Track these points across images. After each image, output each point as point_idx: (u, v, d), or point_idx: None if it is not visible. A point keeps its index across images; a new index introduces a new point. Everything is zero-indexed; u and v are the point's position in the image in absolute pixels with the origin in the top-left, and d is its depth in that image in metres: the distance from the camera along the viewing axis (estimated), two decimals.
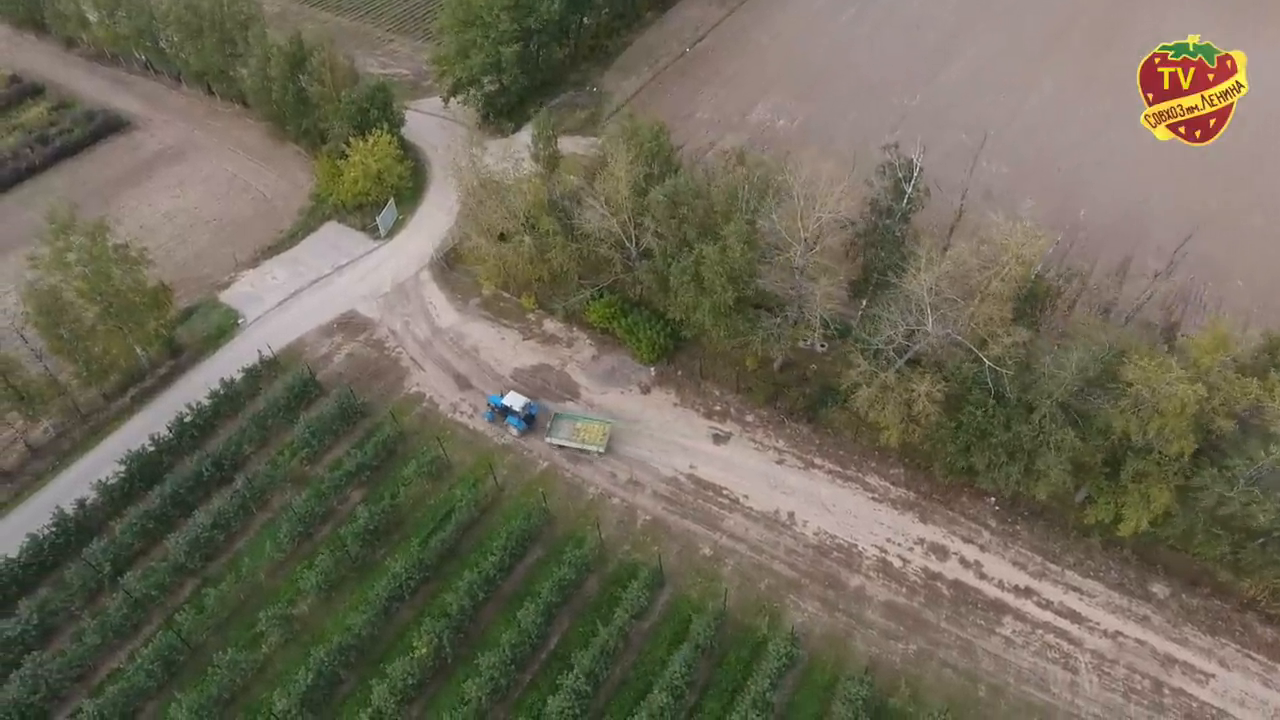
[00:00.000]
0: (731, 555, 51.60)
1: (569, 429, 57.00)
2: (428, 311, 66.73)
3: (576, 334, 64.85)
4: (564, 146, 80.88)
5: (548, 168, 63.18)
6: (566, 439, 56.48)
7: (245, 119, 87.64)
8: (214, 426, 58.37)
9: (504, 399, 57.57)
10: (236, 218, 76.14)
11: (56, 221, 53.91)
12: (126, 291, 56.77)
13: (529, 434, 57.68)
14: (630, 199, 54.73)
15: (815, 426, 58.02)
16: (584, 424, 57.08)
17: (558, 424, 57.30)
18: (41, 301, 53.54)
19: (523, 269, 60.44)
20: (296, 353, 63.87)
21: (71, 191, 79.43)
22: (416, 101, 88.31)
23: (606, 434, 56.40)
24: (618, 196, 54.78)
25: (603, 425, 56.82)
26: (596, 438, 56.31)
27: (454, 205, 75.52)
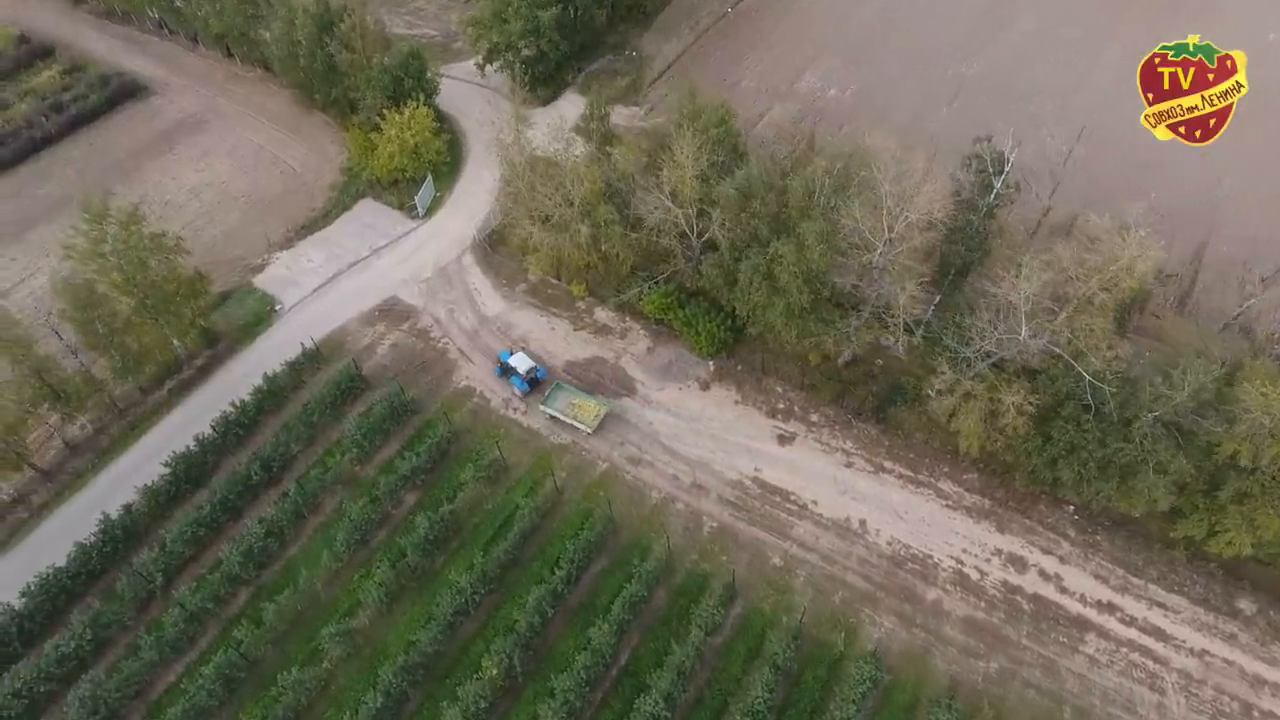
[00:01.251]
0: (803, 566, 49.87)
1: (565, 402, 55.85)
2: (473, 298, 63.88)
3: (629, 324, 62.14)
4: None
5: (601, 149, 59.53)
6: (560, 411, 55.31)
7: (268, 84, 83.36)
8: (258, 423, 56.12)
9: (512, 358, 56.86)
10: (266, 193, 72.67)
11: (90, 211, 50.71)
12: (162, 282, 53.91)
13: (530, 395, 57.25)
14: (695, 188, 51.42)
15: (884, 427, 55.77)
16: (581, 400, 55.90)
17: (555, 394, 56.31)
18: (76, 296, 50.72)
19: (577, 258, 57.34)
20: (338, 343, 61.25)
21: (90, 164, 75.96)
22: (448, 66, 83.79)
23: (600, 416, 55.13)
24: (683, 187, 51.46)
25: (599, 406, 55.61)
26: (589, 417, 55.12)
27: (494, 181, 72.13)
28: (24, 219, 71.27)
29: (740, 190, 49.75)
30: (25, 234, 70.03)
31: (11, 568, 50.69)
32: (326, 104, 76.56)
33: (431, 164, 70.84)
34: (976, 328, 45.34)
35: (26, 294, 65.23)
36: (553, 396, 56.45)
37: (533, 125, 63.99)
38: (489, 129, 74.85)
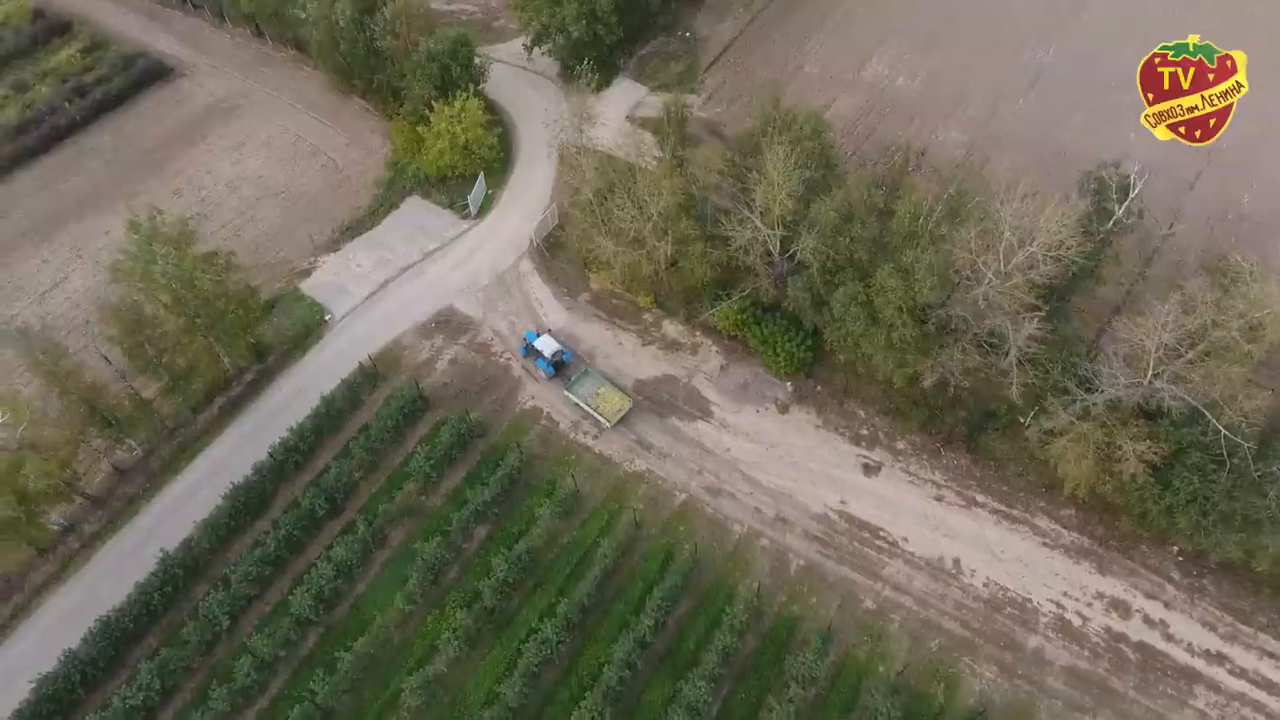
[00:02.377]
0: (896, 609, 47.64)
1: (590, 390, 54.18)
2: (533, 309, 60.65)
3: (700, 339, 59.01)
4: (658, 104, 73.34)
5: (678, 154, 55.64)
6: (583, 400, 53.84)
7: (301, 66, 78.72)
8: (316, 448, 53.41)
9: (538, 340, 55.56)
10: (307, 189, 68.79)
11: (140, 232, 47.19)
12: (213, 299, 50.67)
13: (555, 379, 55.99)
14: (788, 207, 47.85)
15: (974, 456, 53.06)
16: (606, 391, 54.08)
17: (581, 381, 54.68)
18: (126, 321, 47.54)
19: (651, 275, 53.96)
20: (394, 358, 58.21)
21: (119, 154, 72.01)
22: (490, 47, 79.00)
23: (622, 411, 53.53)
24: (774, 205, 47.89)
25: (623, 400, 53.80)
26: (611, 410, 53.42)
27: (547, 177, 68.39)
28: (52, 215, 67.58)
29: (839, 212, 46.21)
30: (55, 232, 66.43)
31: (68, 603, 48.73)
32: (366, 91, 72.22)
33: (484, 161, 66.83)
34: (1106, 373, 42.22)
35: (62, 299, 62.02)
36: (578, 383, 54.58)
37: (597, 122, 60.07)
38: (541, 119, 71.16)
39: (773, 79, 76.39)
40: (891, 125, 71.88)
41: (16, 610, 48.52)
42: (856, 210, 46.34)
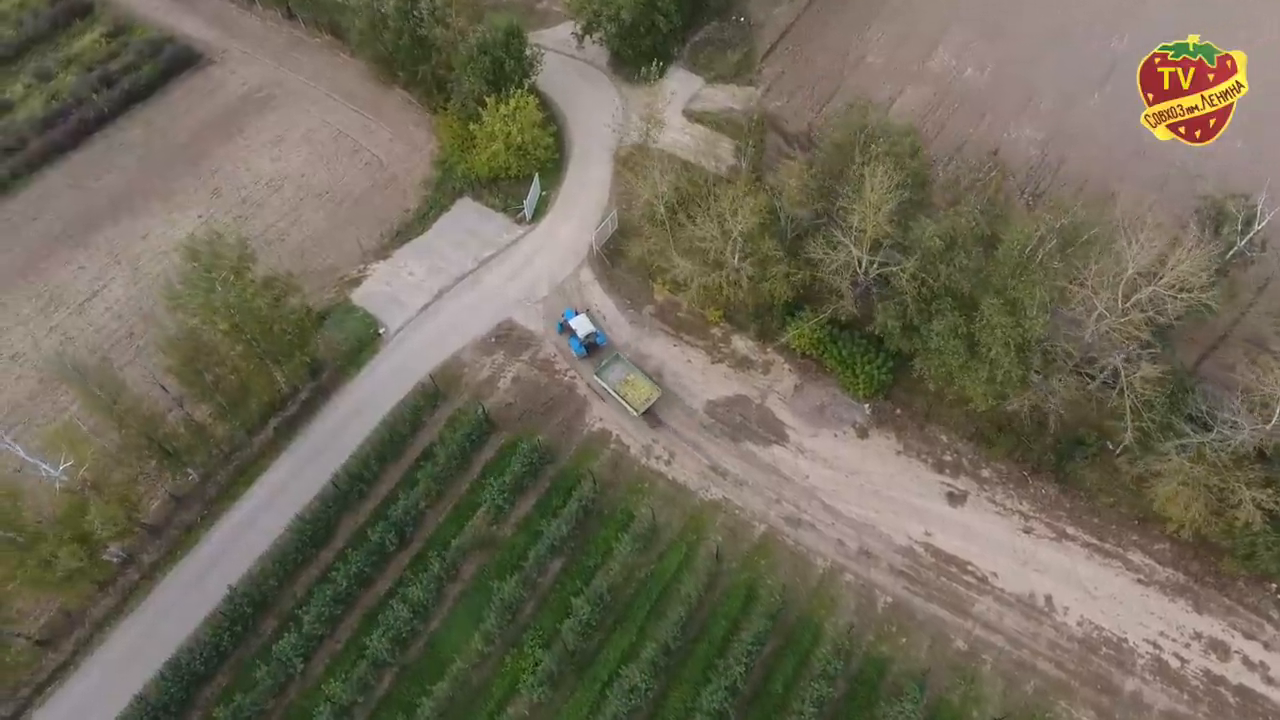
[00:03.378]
0: (989, 650, 46.14)
1: (619, 376, 53.35)
2: (597, 323, 58.07)
3: (772, 356, 56.65)
4: (717, 99, 70.17)
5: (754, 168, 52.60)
6: (611, 386, 52.93)
7: (338, 53, 74.87)
8: (379, 475, 51.42)
9: (574, 319, 55.18)
10: (352, 190, 65.66)
11: (199, 259, 44.45)
12: (272, 326, 48.20)
13: (585, 359, 55.31)
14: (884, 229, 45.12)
15: (1063, 486, 51.14)
16: (635, 378, 53.16)
17: (611, 366, 53.75)
18: (184, 352, 45.11)
19: (730, 295, 51.37)
20: (454, 376, 55.88)
21: (152, 149, 68.69)
22: (535, 33, 74.78)
23: (649, 400, 52.46)
24: (869, 228, 45.16)
25: (651, 389, 52.67)
26: (639, 399, 52.38)
27: (604, 177, 65.26)
28: (86, 216, 64.57)
29: (944, 239, 43.51)
30: (90, 235, 63.51)
31: (131, 637, 47.24)
32: (409, 82, 68.54)
33: (539, 162, 63.66)
34: (1225, 419, 40.04)
35: (103, 309, 59.42)
36: (608, 368, 53.68)
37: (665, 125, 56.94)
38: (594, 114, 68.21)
39: (834, 69, 73.02)
40: (962, 122, 68.50)
41: (79, 646, 46.98)
42: (961, 236, 43.63)
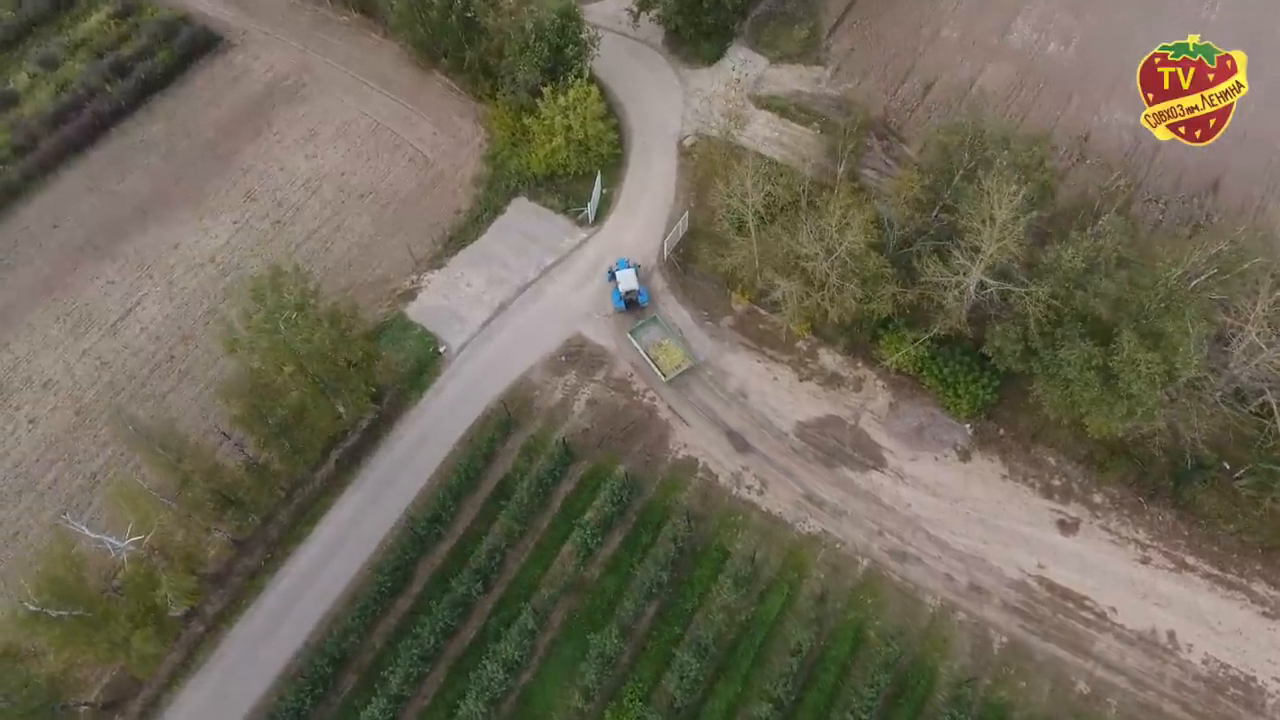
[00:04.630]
0: (1112, 692, 43.75)
1: (653, 339, 52.29)
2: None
3: (863, 371, 53.08)
4: (785, 81, 65.17)
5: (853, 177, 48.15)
6: (644, 347, 51.92)
7: (368, 34, 69.13)
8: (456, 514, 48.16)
9: (625, 269, 53.96)
10: (397, 190, 60.85)
11: (264, 299, 40.24)
12: (338, 360, 44.32)
13: (624, 314, 54.15)
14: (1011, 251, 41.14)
15: (1181, 512, 48.26)
16: (670, 344, 52.03)
17: (647, 328, 52.85)
18: (248, 401, 41.26)
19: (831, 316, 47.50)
20: (524, 399, 52.22)
21: (175, 145, 63.59)
22: (581, 6, 69.24)
23: (680, 369, 51.26)
24: (994, 249, 41.17)
25: (685, 358, 51.42)
26: (670, 365, 51.29)
27: (668, 174, 60.65)
28: (111, 225, 59.79)
29: (1089, 262, 39.59)
30: (116, 245, 58.85)
31: (201, 697, 44.50)
32: (454, 69, 63.15)
33: (601, 158, 58.93)
34: None
35: (138, 330, 55.21)
36: (644, 329, 52.74)
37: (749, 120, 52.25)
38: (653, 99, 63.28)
39: (907, 44, 67.78)
40: (1048, 104, 63.81)
41: (146, 707, 44.20)
42: (1104, 259, 39.75)
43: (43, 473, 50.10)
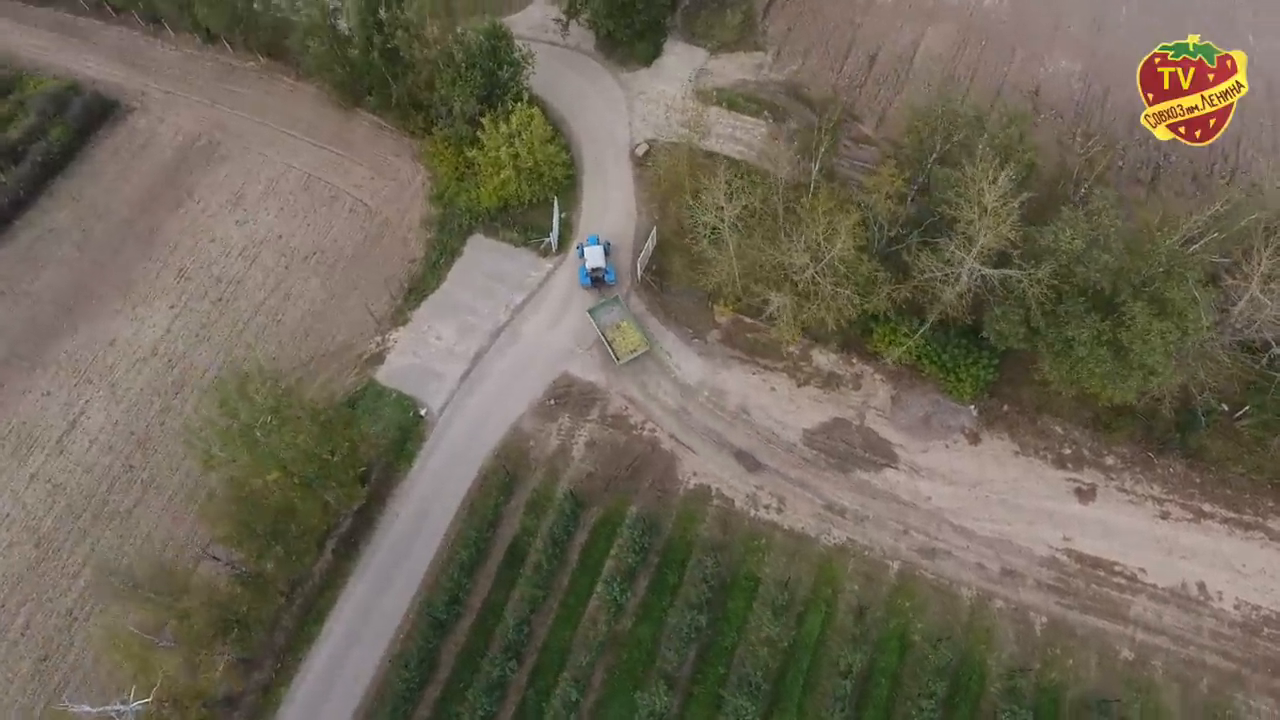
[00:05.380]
0: (1156, 654, 44.08)
1: (611, 320, 51.68)
2: (662, 362, 52.21)
3: (859, 367, 51.98)
4: (727, 72, 63.02)
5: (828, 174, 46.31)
6: (601, 328, 51.26)
7: (279, 78, 64.17)
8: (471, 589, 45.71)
9: (594, 245, 53.31)
10: (342, 246, 56.92)
11: (234, 409, 36.78)
12: (320, 453, 41.20)
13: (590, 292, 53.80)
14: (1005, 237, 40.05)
15: (1190, 460, 48.67)
16: (628, 326, 51.39)
17: (608, 309, 52.14)
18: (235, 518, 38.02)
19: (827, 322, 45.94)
20: (519, 450, 49.73)
21: (90, 231, 58.38)
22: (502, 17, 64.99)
23: (636, 353, 50.70)
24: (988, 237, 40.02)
25: (643, 341, 50.83)
26: (625, 348, 50.66)
27: (625, 186, 58.21)
28: (34, 330, 54.63)
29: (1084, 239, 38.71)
30: (46, 352, 53.86)
31: None
32: (382, 106, 59.09)
33: (556, 182, 56.01)
34: None
35: (87, 443, 50.73)
36: (604, 309, 52.08)
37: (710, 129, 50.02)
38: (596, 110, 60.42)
39: (844, 16, 65.94)
40: (993, 60, 62.97)
41: None
42: (1103, 235, 38.91)
43: (10, 619, 45.88)
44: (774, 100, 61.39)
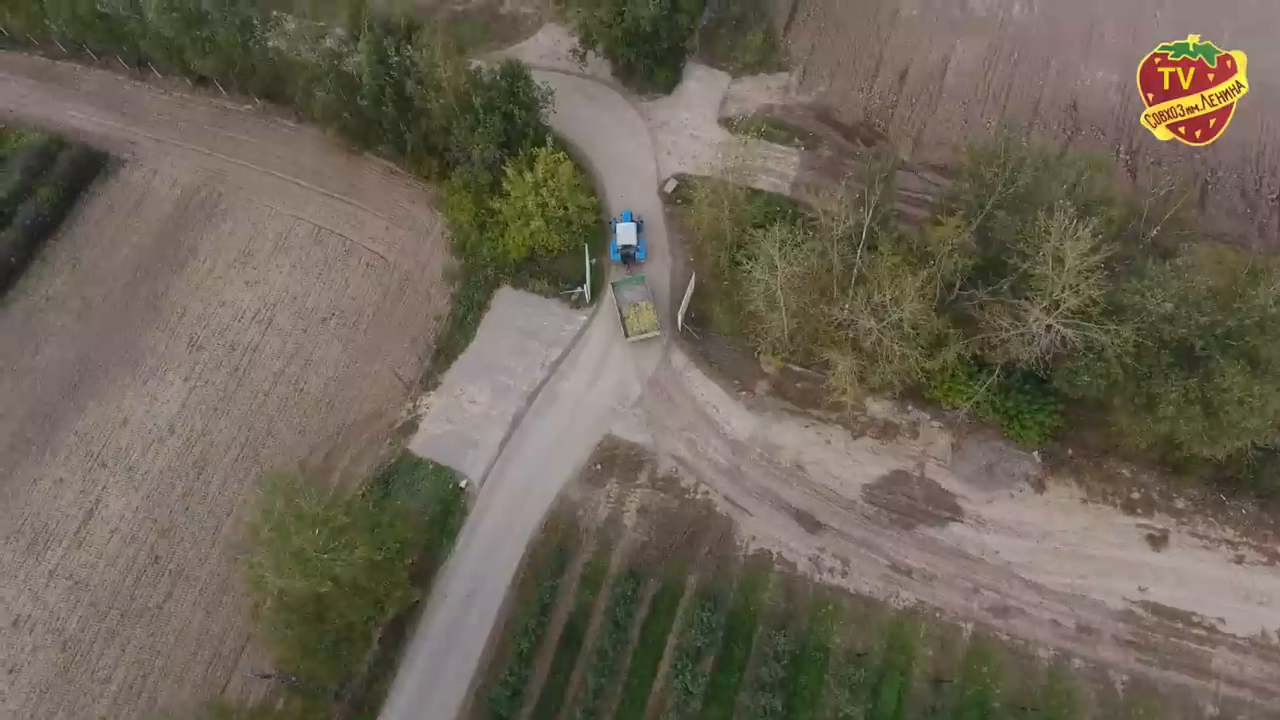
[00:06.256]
0: (1240, 708, 42.72)
1: (631, 298, 50.89)
2: (710, 418, 49.90)
3: (915, 414, 49.90)
4: (753, 96, 60.27)
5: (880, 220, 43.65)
6: (621, 301, 50.85)
7: (277, 122, 60.55)
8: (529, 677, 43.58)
9: (627, 221, 53.15)
10: (362, 305, 53.85)
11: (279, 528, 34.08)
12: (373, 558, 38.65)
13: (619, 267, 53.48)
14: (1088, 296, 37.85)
15: (1263, 500, 47.14)
16: (644, 308, 50.53)
17: (633, 285, 51.61)
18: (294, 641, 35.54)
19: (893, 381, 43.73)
20: (567, 521, 47.43)
21: (90, 298, 55.16)
22: (513, 47, 62.28)
23: (646, 334, 50.27)
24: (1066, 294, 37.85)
25: (653, 327, 50.12)
26: (637, 328, 50.19)
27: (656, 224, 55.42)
28: (39, 410, 51.43)
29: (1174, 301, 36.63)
30: (54, 434, 50.71)
31: None
32: (396, 153, 55.71)
33: (585, 229, 53.14)
34: None
35: (108, 533, 47.93)
36: (628, 286, 51.60)
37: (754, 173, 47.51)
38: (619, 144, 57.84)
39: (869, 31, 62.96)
40: (1028, 74, 60.55)
41: None
42: (1193, 293, 36.88)
43: None
44: (804, 126, 58.71)
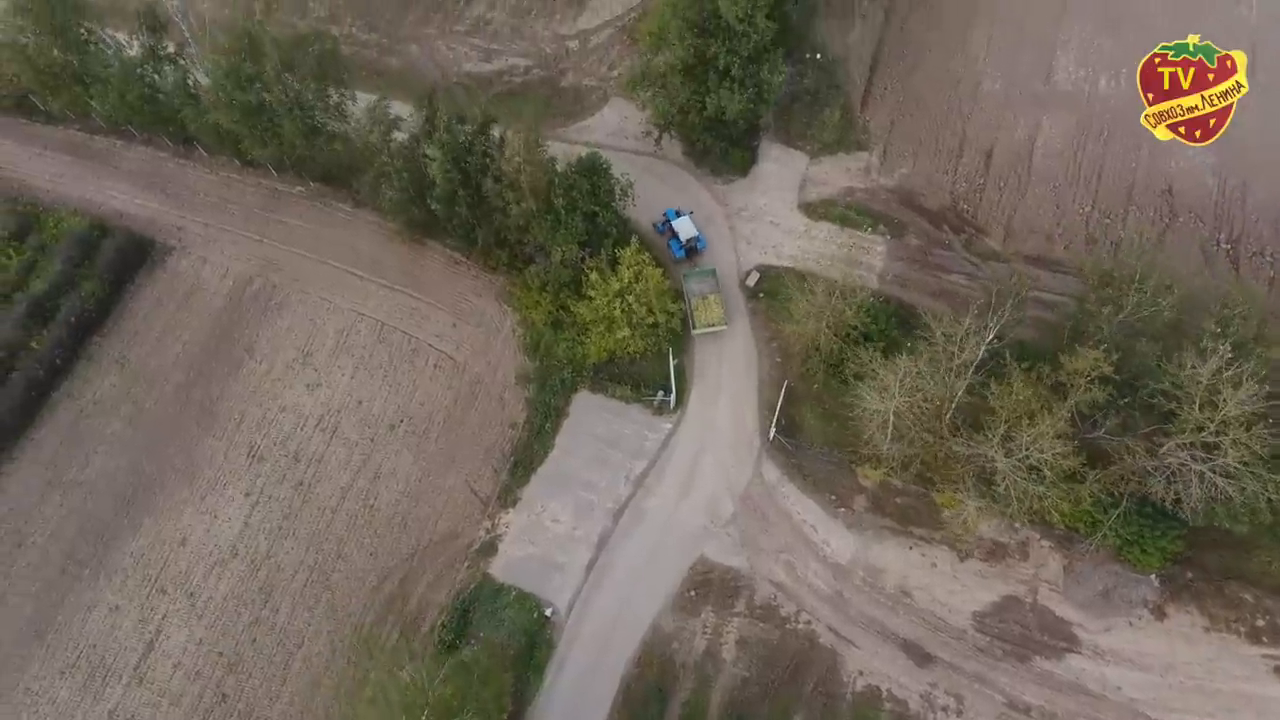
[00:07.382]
0: None
1: (700, 290, 51.44)
2: (808, 538, 47.19)
3: (1024, 533, 47.26)
4: (833, 179, 57.44)
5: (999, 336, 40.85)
6: (690, 293, 51.35)
7: (334, 207, 57.41)
8: None
9: (677, 219, 53.32)
10: (431, 410, 50.83)
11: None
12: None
13: (683, 262, 53.72)
14: (1243, 443, 35.36)
15: None
16: (713, 300, 51.04)
17: (700, 278, 52.00)
18: None
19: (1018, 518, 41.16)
20: (662, 656, 44.63)
21: (141, 402, 52.36)
22: (577, 125, 59.34)
23: (713, 328, 50.59)
24: (1225, 446, 35.30)
25: (722, 319, 50.56)
26: (704, 320, 50.51)
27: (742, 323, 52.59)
28: (91, 529, 48.40)
29: None
30: (108, 556, 47.70)
31: None
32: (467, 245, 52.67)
33: (672, 333, 50.28)
34: None
35: (170, 668, 45.07)
36: (697, 278, 52.08)
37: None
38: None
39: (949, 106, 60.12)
40: (1119, 154, 57.79)
41: None
42: None
43: None
44: (888, 211, 56.00)
